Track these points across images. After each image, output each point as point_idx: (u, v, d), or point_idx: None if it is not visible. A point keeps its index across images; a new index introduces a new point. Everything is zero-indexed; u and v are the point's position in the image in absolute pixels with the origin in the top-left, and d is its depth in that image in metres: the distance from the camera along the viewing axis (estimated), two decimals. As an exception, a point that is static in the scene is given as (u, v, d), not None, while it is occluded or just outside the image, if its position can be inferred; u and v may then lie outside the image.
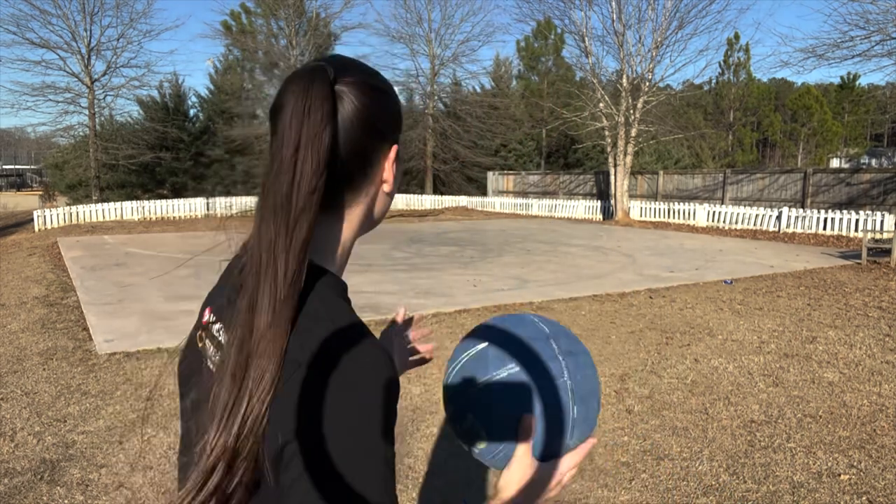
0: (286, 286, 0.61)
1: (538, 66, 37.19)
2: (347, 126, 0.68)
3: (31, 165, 63.25)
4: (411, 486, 2.98)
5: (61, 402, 4.06)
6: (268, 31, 28.02)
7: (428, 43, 30.96)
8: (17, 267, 10.38)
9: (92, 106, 23.39)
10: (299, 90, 0.66)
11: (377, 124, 0.71)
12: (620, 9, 19.29)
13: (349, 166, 0.70)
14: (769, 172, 19.38)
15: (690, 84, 24.57)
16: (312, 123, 0.64)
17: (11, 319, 6.44)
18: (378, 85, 0.73)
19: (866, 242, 10.91)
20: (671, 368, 4.82)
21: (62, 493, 2.91)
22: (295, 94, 0.66)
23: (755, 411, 3.94)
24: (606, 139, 20.82)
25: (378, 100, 0.72)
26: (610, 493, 2.93)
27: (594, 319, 6.46)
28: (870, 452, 3.35)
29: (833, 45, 15.82)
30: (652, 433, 3.60)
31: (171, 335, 5.70)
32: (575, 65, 29.27)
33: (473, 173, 32.04)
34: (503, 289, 8.14)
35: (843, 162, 45.74)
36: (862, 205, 16.27)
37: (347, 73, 0.70)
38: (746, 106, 43.58)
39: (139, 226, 17.96)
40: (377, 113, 0.71)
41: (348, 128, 0.68)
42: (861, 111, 48.90)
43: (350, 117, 0.68)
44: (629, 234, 16.50)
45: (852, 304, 7.35)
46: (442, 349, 5.30)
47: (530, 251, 12.34)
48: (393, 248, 12.48)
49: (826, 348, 5.42)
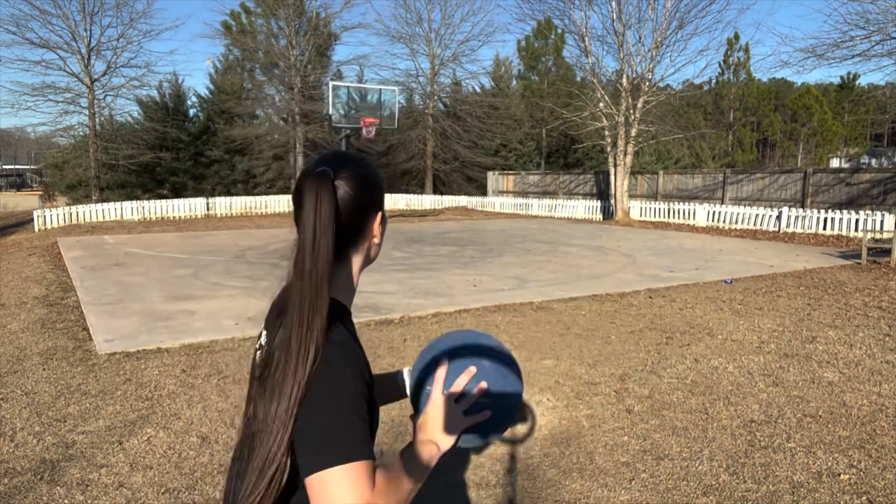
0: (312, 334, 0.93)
1: (538, 66, 37.19)
2: (345, 207, 1.02)
3: (31, 165, 63.24)
4: (411, 486, 2.98)
5: (61, 402, 4.06)
6: (268, 31, 28.00)
7: (428, 43, 30.96)
8: (17, 267, 10.38)
9: (92, 106, 23.39)
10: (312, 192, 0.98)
11: (365, 202, 1.06)
12: (620, 9, 19.30)
13: (349, 234, 1.04)
14: (769, 172, 19.38)
15: (690, 84, 24.58)
16: (323, 217, 0.96)
17: (11, 319, 6.44)
18: (364, 175, 1.06)
19: (866, 242, 10.91)
20: (671, 368, 4.82)
21: (62, 493, 2.91)
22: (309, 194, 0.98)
23: (755, 411, 3.94)
24: (606, 139, 20.82)
25: (364, 186, 1.05)
26: (610, 493, 2.93)
27: (594, 319, 6.46)
28: (870, 452, 3.35)
29: (833, 45, 15.82)
30: (652, 433, 3.60)
31: (171, 335, 5.70)
32: (575, 65, 29.27)
33: (473, 173, 32.04)
34: (503, 289, 8.15)
35: (843, 162, 45.75)
36: (862, 205, 16.28)
37: (343, 170, 1.03)
38: (746, 106, 43.57)
39: (139, 226, 17.96)
40: (364, 196, 1.05)
41: (346, 209, 1.02)
42: (861, 111, 48.90)
43: (346, 202, 1.02)
44: (629, 233, 16.50)
45: (852, 303, 7.35)
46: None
47: (530, 251, 12.34)
48: (393, 248, 12.48)
49: (826, 348, 5.42)
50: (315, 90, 27.34)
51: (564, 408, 3.99)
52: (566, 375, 4.63)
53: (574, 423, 3.76)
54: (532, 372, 4.71)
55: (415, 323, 6.27)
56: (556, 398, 4.16)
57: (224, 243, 13.26)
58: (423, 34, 30.95)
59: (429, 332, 5.86)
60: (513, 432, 3.63)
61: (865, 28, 15.17)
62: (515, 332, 5.93)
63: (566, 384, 4.44)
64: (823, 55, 16.07)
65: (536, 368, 4.80)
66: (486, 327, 6.07)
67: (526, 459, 3.28)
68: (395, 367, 4.79)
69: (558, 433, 3.61)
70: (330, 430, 0.90)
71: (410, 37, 31.04)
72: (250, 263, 10.30)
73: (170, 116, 27.57)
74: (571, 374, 4.66)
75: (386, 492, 0.92)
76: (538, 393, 4.26)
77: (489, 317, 6.53)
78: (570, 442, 3.49)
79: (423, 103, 31.77)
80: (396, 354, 5.11)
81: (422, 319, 6.42)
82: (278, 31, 27.69)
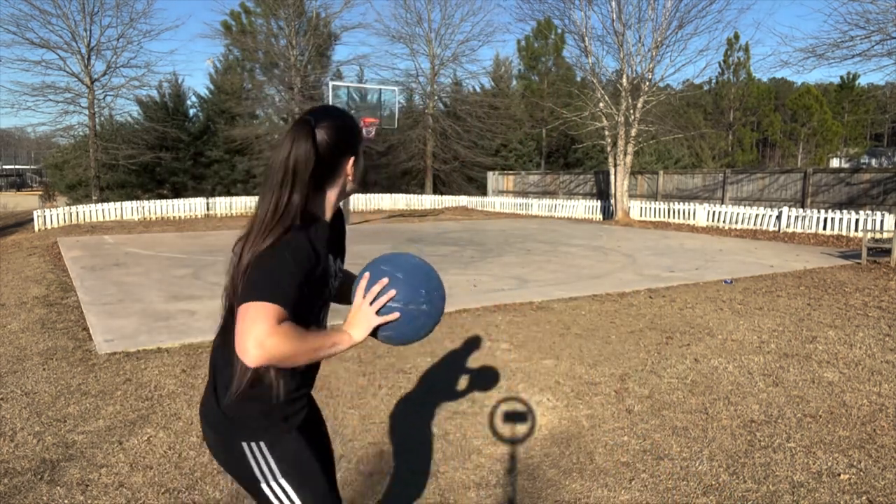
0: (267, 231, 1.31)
1: (538, 66, 37.19)
2: (323, 149, 1.36)
3: (31, 165, 63.25)
4: (411, 486, 2.98)
5: (61, 402, 4.06)
6: (268, 31, 27.99)
7: (428, 43, 30.95)
8: (17, 267, 10.39)
9: (92, 106, 23.39)
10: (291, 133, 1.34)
11: (340, 146, 1.39)
12: (620, 8, 19.29)
13: (325, 171, 1.39)
14: (769, 172, 19.38)
15: (690, 84, 24.58)
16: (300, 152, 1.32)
17: (11, 319, 6.44)
18: (340, 124, 1.40)
19: (866, 242, 10.91)
20: (671, 368, 4.82)
21: (62, 493, 2.91)
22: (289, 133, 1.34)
23: (755, 411, 3.94)
24: (606, 139, 20.82)
25: (340, 133, 1.39)
26: (610, 493, 2.93)
27: (594, 319, 6.46)
28: (870, 452, 3.35)
29: (833, 45, 15.82)
30: (652, 433, 3.60)
31: (171, 335, 5.70)
32: (575, 65, 29.27)
33: (473, 173, 32.04)
34: (503, 289, 8.15)
35: (843, 162, 45.75)
36: (862, 204, 16.28)
37: (324, 120, 1.38)
38: (746, 106, 43.57)
39: (139, 226, 17.96)
40: (339, 142, 1.39)
41: (323, 151, 1.36)
42: (861, 111, 48.91)
43: (324, 146, 1.36)
44: (629, 233, 16.50)
45: (852, 303, 7.35)
46: (442, 349, 5.30)
47: (530, 251, 12.35)
48: (393, 248, 12.48)
49: (826, 348, 5.42)
50: (315, 90, 27.34)
51: (564, 408, 4.00)
52: (566, 375, 4.64)
53: (574, 423, 3.76)
54: (532, 372, 4.71)
55: (415, 323, 6.26)
56: (556, 398, 4.16)
57: (224, 243, 13.26)
58: (423, 34, 30.98)
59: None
60: (513, 432, 3.63)
61: (865, 28, 15.18)
62: (515, 331, 5.93)
63: (566, 384, 4.44)
64: (823, 55, 16.08)
65: (536, 368, 4.80)
66: (487, 327, 6.07)
67: (526, 459, 3.28)
68: (395, 367, 4.80)
69: (558, 433, 3.61)
70: (258, 279, 1.25)
71: (410, 37, 31.07)
72: (250, 263, 10.29)
73: (170, 116, 27.57)
74: (571, 374, 4.66)
75: (286, 334, 1.21)
76: (538, 393, 4.26)
77: (489, 316, 6.53)
78: (570, 442, 3.49)
79: (423, 103, 31.77)
80: (396, 354, 5.11)
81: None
82: (278, 31, 27.69)
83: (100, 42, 23.31)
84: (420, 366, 4.84)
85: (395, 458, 3.28)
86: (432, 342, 5.48)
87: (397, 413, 3.90)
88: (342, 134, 1.38)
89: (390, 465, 3.21)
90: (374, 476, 3.09)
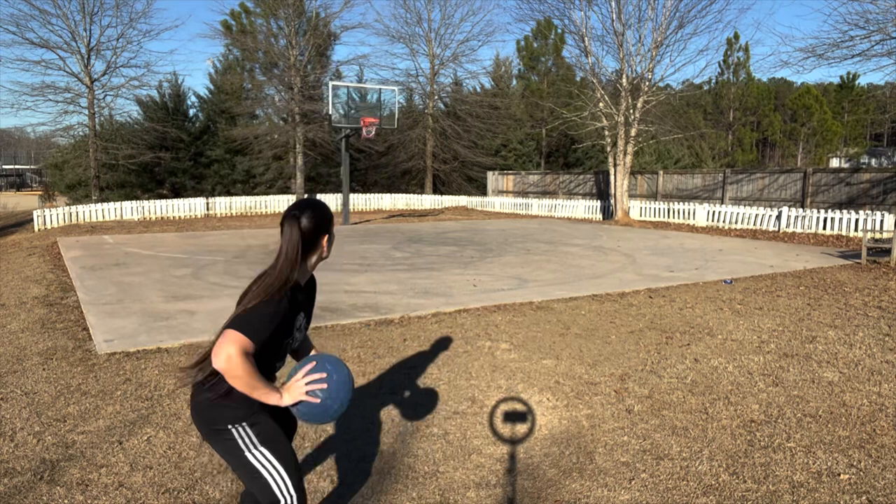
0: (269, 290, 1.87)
1: (538, 66, 37.17)
2: (306, 232, 1.95)
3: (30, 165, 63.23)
4: (411, 486, 2.98)
5: (61, 402, 4.06)
6: (268, 31, 27.97)
7: (428, 43, 30.93)
8: (17, 267, 10.39)
9: (92, 106, 23.38)
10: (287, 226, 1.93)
11: (317, 230, 1.98)
12: (620, 8, 19.29)
13: (308, 245, 1.97)
14: (769, 172, 19.37)
15: (690, 84, 24.56)
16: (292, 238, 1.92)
17: (11, 319, 6.44)
18: (317, 215, 1.98)
19: (866, 242, 10.91)
20: (671, 368, 4.82)
21: (62, 493, 2.91)
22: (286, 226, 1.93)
23: (755, 411, 3.94)
24: (606, 139, 20.82)
25: (316, 221, 1.97)
26: (610, 493, 2.93)
27: (594, 319, 6.46)
28: (870, 452, 3.35)
29: (833, 45, 15.82)
30: (652, 433, 3.60)
31: (171, 335, 5.70)
32: (575, 65, 29.28)
33: (473, 173, 32.03)
34: (503, 288, 8.15)
35: (842, 162, 45.76)
36: (862, 204, 16.28)
37: (305, 212, 1.95)
38: (746, 106, 43.54)
39: (139, 226, 17.96)
40: (316, 227, 1.97)
41: (306, 232, 1.95)
42: (861, 111, 48.91)
43: (306, 229, 1.95)
44: (629, 233, 16.50)
45: (852, 303, 7.35)
46: (441, 349, 5.31)
47: (530, 251, 12.35)
48: (393, 248, 12.48)
49: (826, 348, 5.43)
50: (315, 90, 27.32)
51: (564, 408, 4.00)
52: (566, 375, 4.64)
53: (574, 423, 3.76)
54: (532, 372, 4.71)
55: (414, 323, 6.27)
56: (556, 398, 4.16)
57: (224, 243, 13.26)
58: (423, 34, 30.93)
59: (428, 332, 5.86)
60: (513, 432, 3.63)
61: (865, 28, 15.17)
62: (515, 331, 5.93)
63: (566, 384, 4.44)
64: (823, 55, 16.08)
65: (536, 368, 4.80)
66: (486, 327, 6.07)
67: (526, 459, 3.28)
68: (393, 367, 4.80)
69: (558, 433, 3.61)
70: (245, 317, 1.78)
71: (410, 36, 31.04)
72: (250, 263, 10.29)
73: (170, 116, 27.56)
74: (571, 374, 4.66)
75: (243, 367, 1.74)
76: (538, 393, 4.26)
77: (489, 316, 6.53)
78: (569, 442, 3.49)
79: (423, 103, 31.75)
80: (396, 354, 5.12)
81: (421, 319, 6.42)
82: (278, 31, 27.66)
83: (100, 42, 23.31)
84: (420, 366, 4.84)
85: (395, 458, 3.29)
86: (432, 342, 5.49)
87: (397, 413, 3.90)
88: (318, 221, 1.97)
89: (390, 465, 3.21)
90: (374, 476, 3.10)
